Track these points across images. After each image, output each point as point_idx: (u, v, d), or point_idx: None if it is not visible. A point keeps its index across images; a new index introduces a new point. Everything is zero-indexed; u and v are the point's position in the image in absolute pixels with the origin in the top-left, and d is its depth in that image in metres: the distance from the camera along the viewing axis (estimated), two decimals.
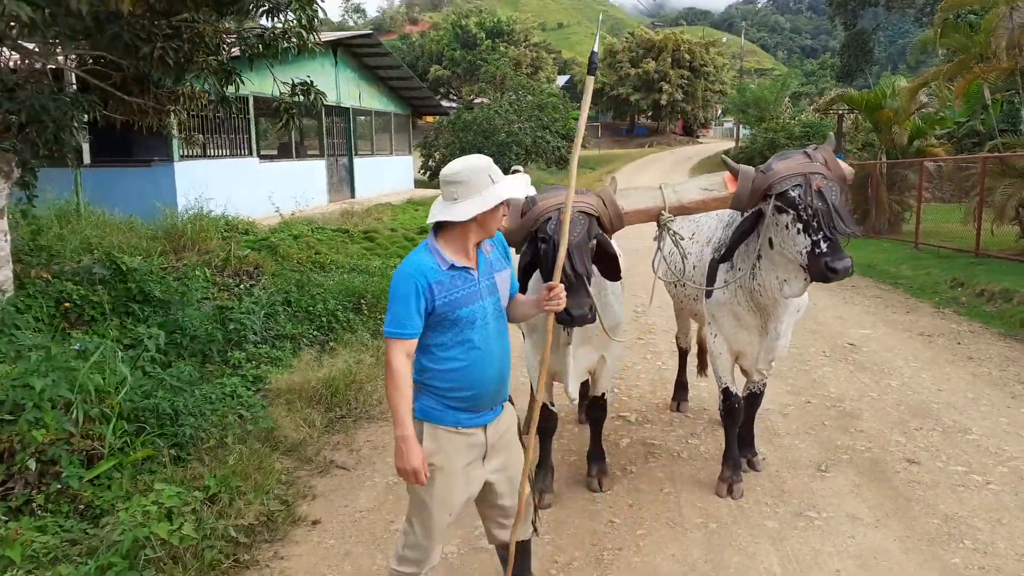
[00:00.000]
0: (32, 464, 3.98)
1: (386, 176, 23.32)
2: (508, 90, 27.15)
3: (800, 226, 3.56)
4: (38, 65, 6.90)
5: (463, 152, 25.43)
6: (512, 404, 2.93)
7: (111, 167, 13.79)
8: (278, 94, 7.68)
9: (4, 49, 6.57)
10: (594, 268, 3.66)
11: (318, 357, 6.68)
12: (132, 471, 4.25)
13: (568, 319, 3.23)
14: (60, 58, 6.89)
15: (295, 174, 17.79)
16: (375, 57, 21.19)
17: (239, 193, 14.34)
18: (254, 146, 16.50)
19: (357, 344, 7.13)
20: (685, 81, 51.72)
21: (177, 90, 7.32)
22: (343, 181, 20.87)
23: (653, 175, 33.52)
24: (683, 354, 5.97)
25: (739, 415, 4.43)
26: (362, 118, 22.57)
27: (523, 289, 3.38)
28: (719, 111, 58.72)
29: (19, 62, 7.17)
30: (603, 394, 4.37)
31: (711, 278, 4.15)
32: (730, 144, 31.89)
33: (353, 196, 20.91)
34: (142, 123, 7.54)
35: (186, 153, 14.16)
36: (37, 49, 6.65)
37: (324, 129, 19.74)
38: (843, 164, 3.80)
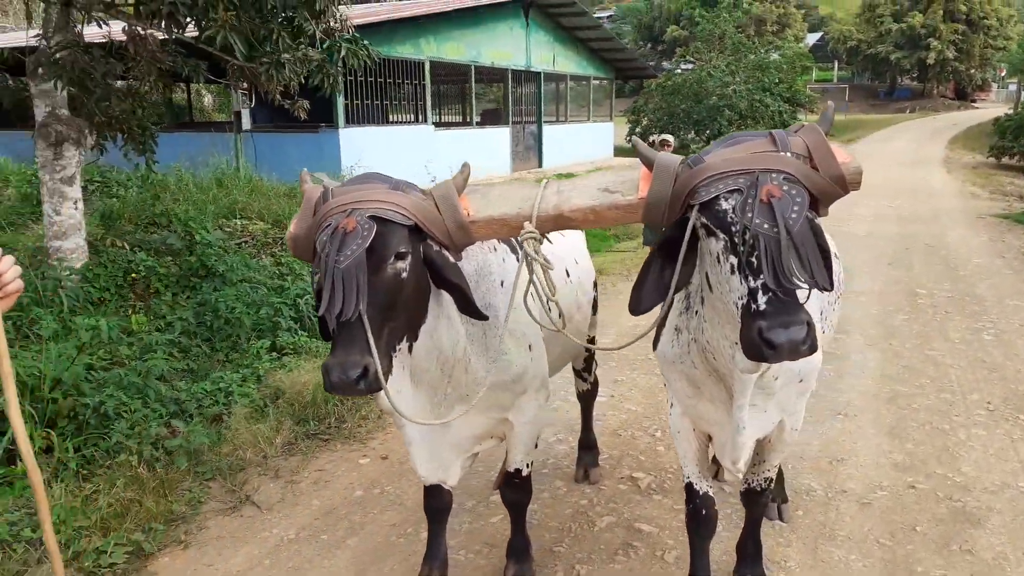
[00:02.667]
0: None
1: (581, 144, 22.21)
2: (726, 50, 24.65)
3: (733, 262, 2.12)
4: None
5: (671, 118, 23.64)
6: None
7: (278, 132, 14.12)
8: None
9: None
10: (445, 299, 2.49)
11: None
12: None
13: (328, 384, 2.14)
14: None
15: (474, 142, 17.32)
16: (571, 17, 20.03)
17: (409, 160, 14.00)
18: (428, 112, 16.22)
19: None
20: (959, 36, 44.37)
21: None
22: (530, 149, 20.14)
23: (899, 146, 29.14)
24: None
25: (707, 525, 2.99)
26: (557, 83, 21.63)
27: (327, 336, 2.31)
28: (1002, 71, 49.82)
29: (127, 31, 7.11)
30: (516, 469, 3.15)
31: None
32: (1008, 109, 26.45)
33: (540, 165, 20.11)
34: (266, 89, 7.07)
35: (352, 120, 14.11)
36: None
37: (509, 95, 19.06)
38: (842, 156, 2.25)
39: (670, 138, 8.95)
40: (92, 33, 7.35)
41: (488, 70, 18.34)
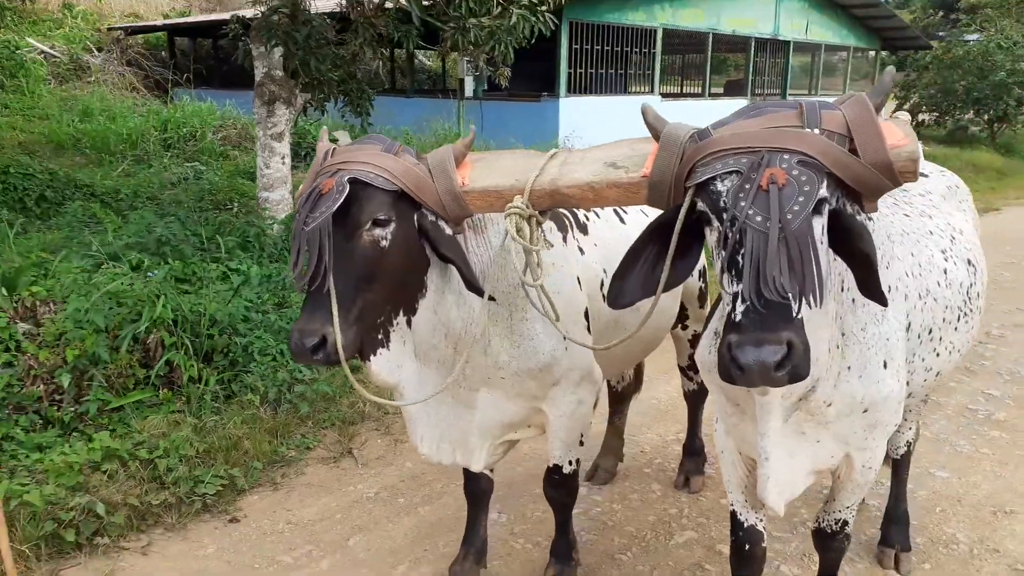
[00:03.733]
0: (66, 381, 4.20)
1: None
2: None
3: (724, 258, 1.76)
4: None
5: (946, 96, 20.89)
6: None
7: (503, 101, 14.42)
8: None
9: None
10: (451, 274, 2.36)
11: None
12: (145, 411, 4.25)
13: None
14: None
15: (705, 115, 16.44)
16: None
17: (629, 132, 13.65)
18: (656, 82, 15.69)
19: None
20: None
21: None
22: None
23: None
24: None
25: (750, 565, 2.56)
26: (810, 53, 19.92)
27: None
28: None
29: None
30: (555, 465, 2.93)
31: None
32: None
33: None
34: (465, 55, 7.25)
35: (576, 89, 14.03)
36: None
37: (751, 66, 17.89)
38: (894, 137, 1.76)
39: (904, 115, 7.87)
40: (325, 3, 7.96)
41: (728, 39, 17.33)
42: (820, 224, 1.76)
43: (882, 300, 1.90)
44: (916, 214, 2.71)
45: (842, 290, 2.13)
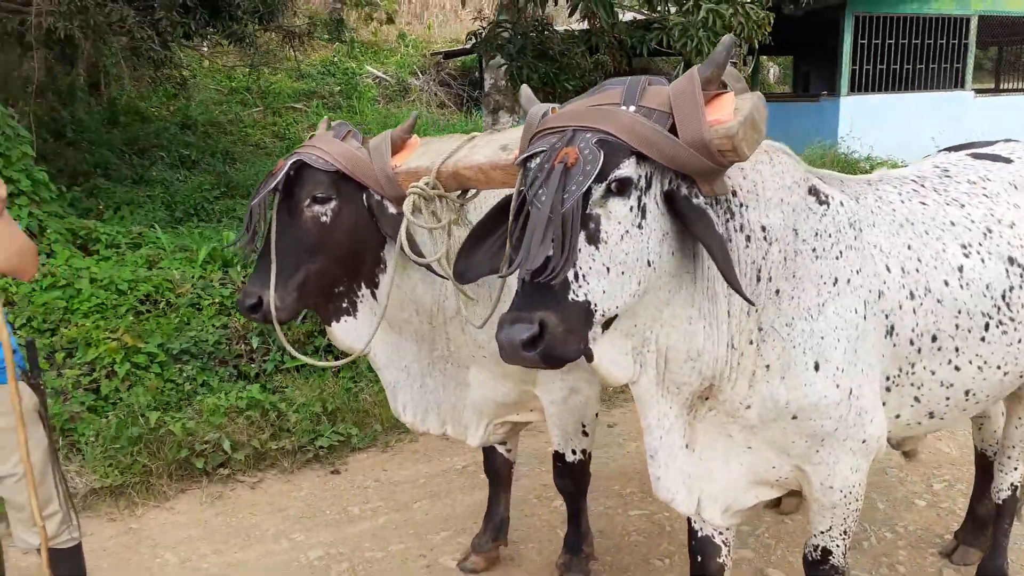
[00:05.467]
0: (255, 342, 5.07)
1: None
2: None
3: (515, 235, 1.75)
4: None
5: None
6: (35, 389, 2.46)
7: (782, 102, 13.70)
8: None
9: None
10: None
11: None
12: (308, 373, 4.93)
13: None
14: None
15: None
16: None
17: (927, 131, 12.14)
18: (968, 76, 13.72)
19: None
20: None
21: None
22: None
23: None
24: (980, 462, 3.16)
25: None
26: None
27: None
28: None
29: None
30: (558, 452, 2.92)
31: None
32: None
33: None
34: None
35: (862, 87, 12.85)
36: None
37: None
38: (723, 112, 1.62)
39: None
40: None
41: None
42: (623, 206, 1.65)
43: (743, 294, 1.72)
44: (940, 202, 2.28)
45: (757, 279, 1.93)
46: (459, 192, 2.33)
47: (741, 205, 1.93)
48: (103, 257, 5.62)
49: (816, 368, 1.96)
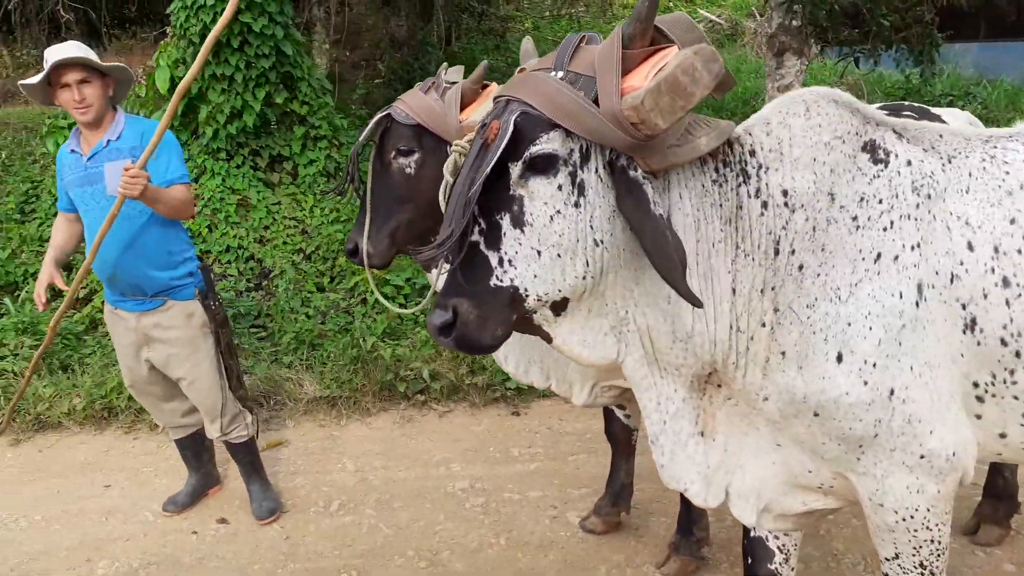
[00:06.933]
0: None
1: None
2: None
3: None
4: None
5: None
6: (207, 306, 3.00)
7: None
8: None
9: None
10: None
11: None
12: None
13: None
14: None
15: None
16: None
17: None
18: None
19: None
20: None
21: None
22: None
23: None
24: None
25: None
26: None
27: None
28: None
29: None
30: None
31: None
32: None
33: None
34: None
35: None
36: None
37: None
38: (640, 77, 1.42)
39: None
40: None
41: None
42: (548, 185, 1.52)
43: (684, 293, 1.49)
44: None
45: (776, 252, 1.66)
46: None
47: (760, 167, 1.66)
48: None
49: (839, 359, 1.64)
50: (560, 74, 1.53)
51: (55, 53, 2.70)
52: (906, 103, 2.83)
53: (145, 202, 2.72)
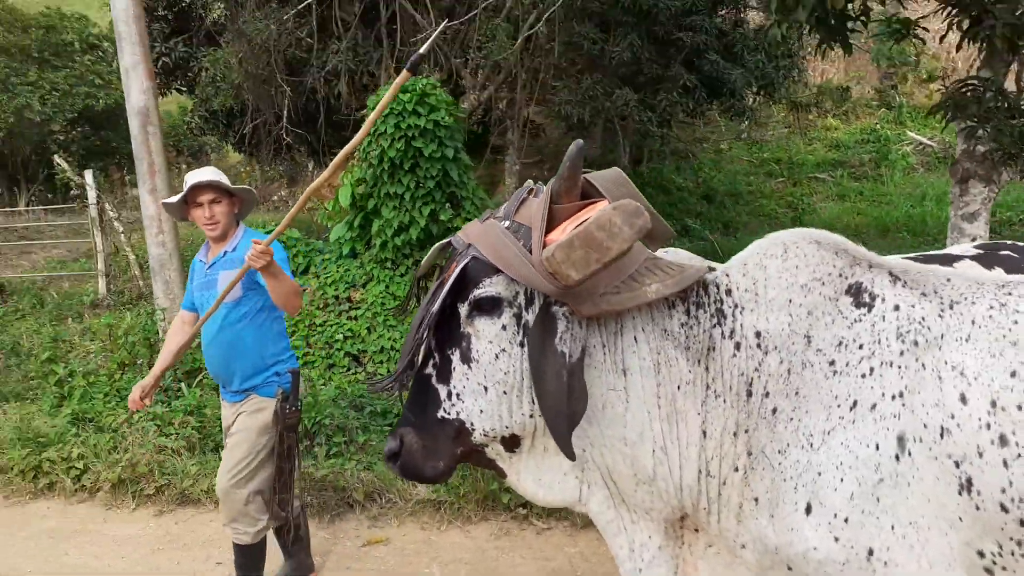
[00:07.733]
0: None
1: None
2: None
3: None
4: None
5: None
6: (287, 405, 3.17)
7: None
8: None
9: None
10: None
11: None
12: None
13: None
14: None
15: None
16: None
17: None
18: None
19: None
20: None
21: None
22: None
23: None
24: None
25: None
26: None
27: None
28: None
29: None
30: None
31: None
32: None
33: None
34: None
35: None
36: None
37: None
38: (565, 230, 1.48)
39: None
40: None
41: None
42: (492, 325, 1.61)
43: (562, 445, 1.50)
44: None
45: (748, 395, 1.62)
46: None
47: (736, 307, 1.63)
48: None
49: (808, 511, 1.53)
50: (507, 223, 1.64)
51: (193, 176, 3.15)
52: (1008, 243, 2.57)
53: (266, 276, 2.82)
